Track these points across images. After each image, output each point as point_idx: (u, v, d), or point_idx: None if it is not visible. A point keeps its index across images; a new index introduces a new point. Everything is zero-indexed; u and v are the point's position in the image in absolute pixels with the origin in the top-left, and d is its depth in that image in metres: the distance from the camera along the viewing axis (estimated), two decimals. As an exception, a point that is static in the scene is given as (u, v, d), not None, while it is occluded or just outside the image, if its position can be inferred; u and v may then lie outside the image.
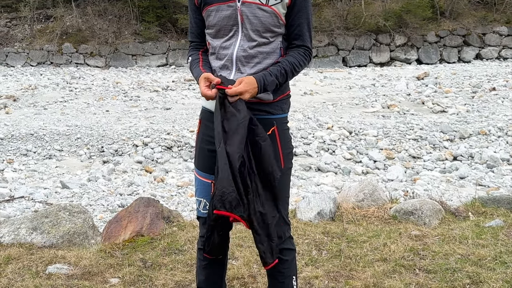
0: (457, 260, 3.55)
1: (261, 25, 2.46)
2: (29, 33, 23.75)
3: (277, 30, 2.50)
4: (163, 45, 23.51)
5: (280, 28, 2.51)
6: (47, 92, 16.54)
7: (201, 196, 2.67)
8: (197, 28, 2.68)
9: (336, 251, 3.76)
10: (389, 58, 24.04)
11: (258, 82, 2.43)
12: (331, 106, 14.15)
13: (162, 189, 8.52)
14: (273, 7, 2.45)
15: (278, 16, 2.47)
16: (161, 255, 3.73)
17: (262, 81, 2.44)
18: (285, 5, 2.48)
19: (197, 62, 2.64)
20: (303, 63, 2.57)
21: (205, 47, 2.70)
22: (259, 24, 2.45)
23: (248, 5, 2.44)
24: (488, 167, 9.09)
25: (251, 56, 2.50)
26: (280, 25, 2.50)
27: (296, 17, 2.52)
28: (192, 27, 2.70)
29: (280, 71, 2.49)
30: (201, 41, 2.70)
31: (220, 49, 2.55)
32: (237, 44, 2.49)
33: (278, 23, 2.48)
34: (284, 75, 2.51)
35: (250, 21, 2.45)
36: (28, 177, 9.17)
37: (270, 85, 2.46)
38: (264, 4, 2.44)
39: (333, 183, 8.62)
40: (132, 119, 12.77)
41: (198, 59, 2.66)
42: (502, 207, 4.49)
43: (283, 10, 2.48)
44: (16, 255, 3.57)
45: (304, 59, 2.58)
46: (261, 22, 2.45)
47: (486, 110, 13.01)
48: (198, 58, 2.67)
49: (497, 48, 24.61)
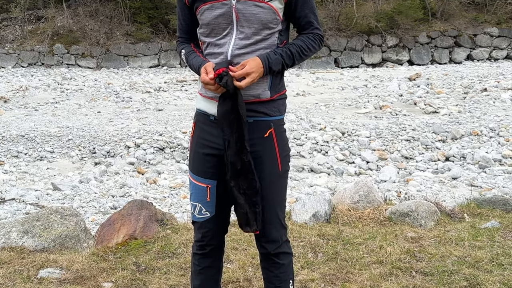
0: (453, 262, 3.52)
1: (258, 22, 2.40)
2: (20, 34, 23.60)
3: (274, 27, 2.44)
4: (155, 46, 23.43)
5: (277, 24, 2.45)
6: (38, 93, 16.43)
7: (196, 200, 2.62)
8: (186, 25, 2.63)
9: (332, 253, 3.73)
10: (381, 59, 24.11)
11: (263, 61, 2.38)
12: (323, 107, 14.15)
13: (155, 190, 8.46)
14: (270, 3, 2.40)
15: (276, 12, 2.42)
16: (155, 259, 3.68)
17: (266, 59, 2.39)
18: (282, 0, 2.43)
19: (194, 53, 2.59)
20: (312, 47, 2.52)
21: (195, 41, 2.65)
22: (256, 21, 2.40)
23: (244, 2, 2.38)
24: (480, 167, 9.10)
25: (246, 54, 2.44)
26: (277, 22, 2.45)
27: (300, 9, 2.49)
28: (181, 24, 2.65)
29: (285, 52, 2.45)
30: (190, 37, 2.66)
31: (213, 48, 2.50)
32: (232, 42, 2.43)
33: (275, 19, 2.43)
34: (290, 56, 2.46)
35: (246, 18, 2.40)
36: (19, 179, 9.08)
37: (274, 63, 2.41)
38: (261, 1, 2.39)
39: (326, 184, 8.61)
40: (124, 120, 12.70)
41: (193, 50, 2.61)
42: (497, 208, 4.48)
43: (280, 6, 2.43)
44: (7, 259, 3.51)
45: (313, 43, 2.53)
46: (258, 19, 2.40)
47: (477, 110, 13.05)
48: (193, 50, 2.61)
49: (488, 49, 24.75)
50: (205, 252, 2.68)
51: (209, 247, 2.67)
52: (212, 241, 2.66)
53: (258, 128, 2.47)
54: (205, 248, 2.67)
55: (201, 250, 2.69)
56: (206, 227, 2.62)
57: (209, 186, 2.56)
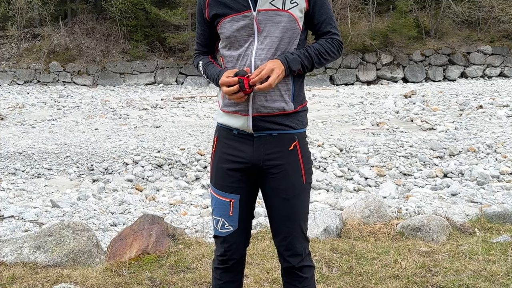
0: (469, 276, 3.51)
1: (279, 31, 2.40)
2: (16, 51, 23.63)
3: (294, 36, 2.44)
4: (151, 63, 23.51)
5: (297, 33, 2.45)
6: (34, 111, 16.39)
7: (218, 215, 2.60)
8: (205, 39, 2.63)
9: (347, 268, 3.71)
10: (376, 76, 24.30)
11: (282, 60, 2.37)
12: (321, 124, 14.19)
13: (154, 207, 8.41)
14: (290, 11, 2.40)
15: (296, 21, 2.42)
16: (169, 274, 3.64)
17: (285, 59, 2.38)
18: (303, 9, 2.44)
19: (212, 64, 2.59)
20: (330, 52, 2.50)
21: (213, 55, 2.67)
22: (277, 30, 2.40)
23: (264, 13, 2.39)
24: (478, 184, 9.13)
25: None
26: (297, 31, 2.45)
27: (318, 15, 2.48)
28: (199, 38, 2.65)
29: (303, 53, 2.44)
30: (208, 50, 2.66)
31: (236, 61, 2.48)
32: (253, 53, 2.42)
33: (295, 27, 2.43)
34: (309, 58, 2.44)
35: (268, 29, 2.40)
36: (16, 196, 9.00)
37: (293, 62, 2.39)
38: (281, 9, 2.40)
39: (326, 201, 8.59)
40: (121, 137, 12.66)
41: (211, 62, 2.61)
42: (507, 222, 4.49)
43: (300, 14, 2.44)
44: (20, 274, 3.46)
45: (332, 47, 2.50)
46: (279, 28, 2.40)
47: (474, 127, 13.14)
48: (210, 61, 2.62)
49: (481, 67, 25.01)
50: (228, 266, 2.66)
51: (232, 261, 2.64)
52: (235, 255, 2.64)
53: (282, 141, 2.47)
54: (227, 263, 2.64)
55: (223, 265, 2.66)
56: (229, 241, 2.60)
57: (232, 200, 2.55)
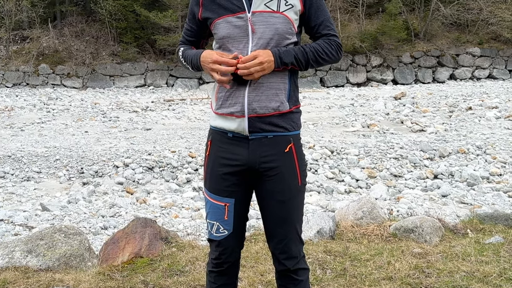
0: (462, 277, 3.53)
1: (274, 33, 2.39)
2: (4, 54, 23.45)
3: (288, 37, 2.43)
4: (141, 65, 23.44)
5: (292, 36, 2.44)
6: (24, 114, 16.27)
7: (213, 219, 2.58)
8: (191, 36, 2.63)
9: (340, 270, 3.71)
10: (366, 78, 24.41)
11: (273, 52, 2.35)
12: (311, 126, 14.21)
13: (145, 210, 8.38)
14: (285, 13, 2.40)
15: (291, 23, 2.41)
16: (163, 277, 3.62)
17: (277, 51, 2.37)
18: (298, 12, 2.43)
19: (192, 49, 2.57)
20: (329, 52, 2.47)
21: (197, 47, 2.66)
22: (272, 32, 2.38)
23: (259, 14, 2.38)
24: (468, 185, 9.19)
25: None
26: (292, 33, 2.44)
27: (315, 17, 2.47)
28: (186, 33, 2.64)
29: (298, 48, 2.42)
30: (192, 45, 2.65)
31: None
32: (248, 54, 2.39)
33: (290, 29, 2.42)
34: (304, 53, 2.41)
35: (262, 30, 2.39)
36: (5, 199, 8.92)
37: (285, 54, 2.37)
38: (276, 11, 2.39)
39: (318, 202, 8.60)
40: (112, 140, 12.60)
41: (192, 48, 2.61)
42: (499, 223, 4.50)
43: (295, 16, 2.43)
44: (12, 279, 3.42)
45: (330, 48, 2.47)
46: (274, 30, 2.38)
47: (463, 129, 13.22)
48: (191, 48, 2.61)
49: (470, 69, 25.20)
50: (222, 269, 2.65)
51: (227, 264, 2.63)
52: (230, 258, 2.63)
53: (278, 143, 2.46)
54: (222, 266, 2.64)
55: (217, 268, 2.65)
56: (224, 245, 2.59)
57: (227, 204, 2.53)
